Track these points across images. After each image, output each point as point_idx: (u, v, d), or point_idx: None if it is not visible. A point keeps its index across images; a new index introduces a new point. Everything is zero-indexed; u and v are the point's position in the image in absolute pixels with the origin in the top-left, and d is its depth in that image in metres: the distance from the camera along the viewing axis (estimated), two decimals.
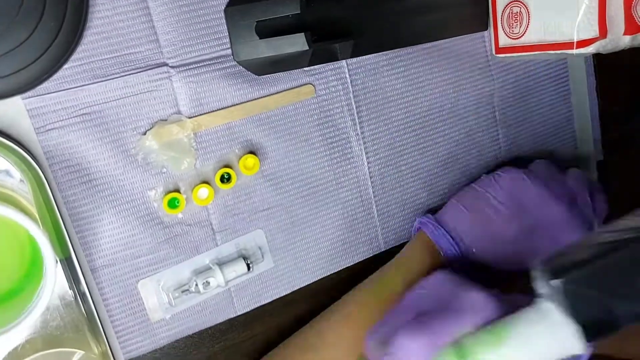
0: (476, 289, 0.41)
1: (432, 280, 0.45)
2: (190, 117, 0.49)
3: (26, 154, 0.43)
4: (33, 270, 0.43)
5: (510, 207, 0.51)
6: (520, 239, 0.50)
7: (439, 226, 0.53)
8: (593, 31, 0.48)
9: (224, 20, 0.49)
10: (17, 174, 0.44)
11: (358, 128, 0.55)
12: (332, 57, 0.52)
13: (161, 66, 0.47)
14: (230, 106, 0.50)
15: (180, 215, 0.50)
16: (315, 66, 0.52)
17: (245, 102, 0.50)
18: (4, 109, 0.43)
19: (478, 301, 0.40)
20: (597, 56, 0.65)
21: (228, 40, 0.49)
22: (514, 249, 0.34)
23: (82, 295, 0.46)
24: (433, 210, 0.57)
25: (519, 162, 0.60)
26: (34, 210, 0.44)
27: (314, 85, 0.53)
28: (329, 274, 0.56)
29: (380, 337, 0.42)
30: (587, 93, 0.66)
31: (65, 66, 0.43)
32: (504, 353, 0.36)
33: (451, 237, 0.52)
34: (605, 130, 0.68)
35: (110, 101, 0.46)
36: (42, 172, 0.43)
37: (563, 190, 0.52)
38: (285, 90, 0.52)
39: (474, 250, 0.51)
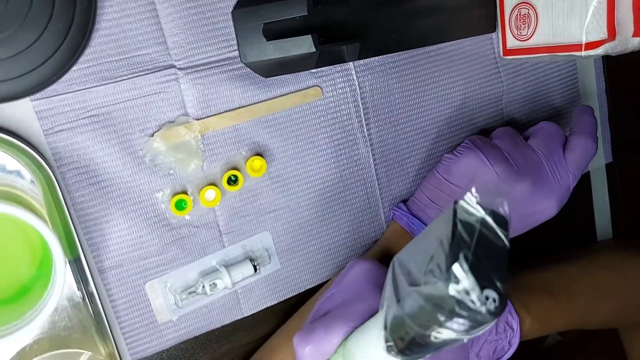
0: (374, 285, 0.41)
1: (347, 278, 0.45)
2: (197, 119, 0.49)
3: (37, 155, 0.43)
4: (42, 271, 0.43)
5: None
6: None
7: (412, 216, 0.54)
8: (602, 33, 0.48)
9: (232, 23, 0.49)
10: (28, 175, 0.44)
11: (365, 130, 0.55)
12: (339, 59, 0.52)
13: (169, 68, 0.48)
14: (238, 108, 0.50)
15: (187, 217, 0.50)
16: (322, 68, 0.52)
17: (252, 104, 0.51)
18: (13, 110, 0.44)
19: (369, 293, 0.41)
20: (606, 58, 0.64)
21: (235, 42, 0.49)
22: None
23: (90, 296, 0.46)
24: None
25: None
26: (44, 211, 0.44)
27: (321, 87, 0.53)
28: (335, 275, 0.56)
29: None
30: (596, 95, 0.65)
31: (74, 68, 0.44)
32: (366, 350, 0.36)
33: (425, 224, 0.53)
34: (615, 132, 0.67)
35: (118, 103, 0.47)
36: (52, 173, 0.43)
37: (526, 163, 0.51)
38: (292, 92, 0.52)
39: None
